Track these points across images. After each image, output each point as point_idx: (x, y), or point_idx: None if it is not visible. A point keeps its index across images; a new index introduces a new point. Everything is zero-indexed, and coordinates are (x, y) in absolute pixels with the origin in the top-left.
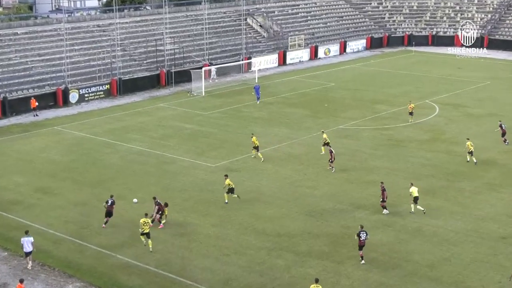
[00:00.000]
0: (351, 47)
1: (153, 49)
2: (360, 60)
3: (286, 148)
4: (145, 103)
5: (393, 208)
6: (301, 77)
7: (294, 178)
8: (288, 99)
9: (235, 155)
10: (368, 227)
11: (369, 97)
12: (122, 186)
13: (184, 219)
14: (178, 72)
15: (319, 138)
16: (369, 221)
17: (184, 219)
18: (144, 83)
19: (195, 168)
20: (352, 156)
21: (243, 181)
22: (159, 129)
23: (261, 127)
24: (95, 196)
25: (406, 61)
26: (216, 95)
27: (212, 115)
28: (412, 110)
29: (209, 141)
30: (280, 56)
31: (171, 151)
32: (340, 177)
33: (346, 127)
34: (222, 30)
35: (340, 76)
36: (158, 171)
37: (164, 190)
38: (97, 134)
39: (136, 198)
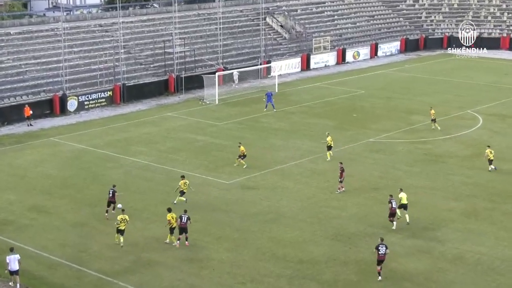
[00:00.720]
0: (383, 50)
1: (161, 51)
2: (393, 65)
3: (309, 163)
4: (151, 112)
5: (431, 232)
6: (327, 84)
7: (318, 198)
8: (312, 108)
9: (252, 171)
10: (401, 253)
11: (403, 107)
12: (125, 205)
13: (194, 243)
14: (189, 78)
15: (347, 152)
16: (403, 246)
17: (194, 242)
18: (151, 90)
19: (208, 185)
20: (384, 173)
21: (260, 200)
22: (167, 141)
23: (281, 139)
24: (95, 216)
25: (445, 66)
26: (231, 103)
27: (226, 126)
28: (434, 117)
29: (223, 155)
30: (303, 60)
31: (181, 166)
32: (370, 196)
33: (378, 140)
34: (238, 31)
35: (371, 82)
36: (166, 188)
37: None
38: (98, 146)
39: (122, 205)
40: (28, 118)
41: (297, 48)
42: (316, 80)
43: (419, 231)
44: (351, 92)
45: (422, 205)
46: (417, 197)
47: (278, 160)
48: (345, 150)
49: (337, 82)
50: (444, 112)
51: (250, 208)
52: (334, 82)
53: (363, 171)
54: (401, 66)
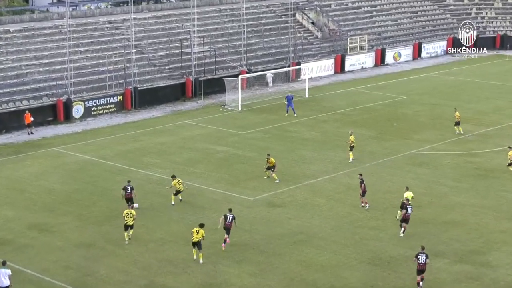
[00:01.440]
0: (428, 50)
1: (178, 51)
2: (439, 67)
3: (343, 178)
4: (166, 120)
5: (481, 256)
6: (364, 88)
7: (353, 217)
8: (347, 116)
9: (279, 186)
10: (448, 280)
11: (450, 115)
12: (137, 223)
13: (213, 266)
14: (209, 81)
15: (386, 165)
16: (450, 272)
17: (213, 266)
18: (166, 94)
19: (229, 201)
20: (428, 190)
21: (288, 219)
22: (184, 152)
23: (312, 150)
24: (102, 235)
25: (498, 69)
26: (256, 110)
27: (250, 135)
28: (458, 119)
29: (246, 168)
30: (337, 61)
31: (199, 180)
32: (412, 215)
33: (421, 152)
34: (264, 29)
35: (414, 87)
36: (182, 205)
37: (188, 229)
38: (106, 157)
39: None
40: (28, 126)
41: (330, 48)
42: (351, 84)
43: (468, 255)
44: (391, 98)
45: (471, 226)
46: (465, 217)
47: (309, 174)
48: (384, 163)
49: (375, 86)
50: (497, 121)
51: (277, 228)
52: (372, 86)
53: (404, 187)
54: (447, 69)
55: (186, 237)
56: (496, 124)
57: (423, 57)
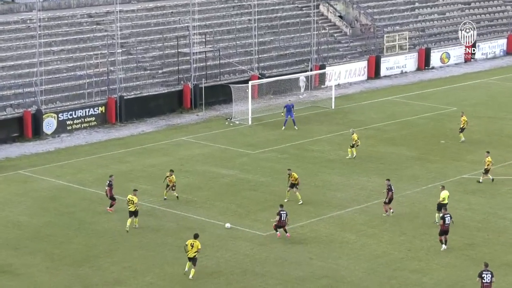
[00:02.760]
0: (483, 50)
1: (173, 52)
2: (497, 71)
3: (378, 208)
4: (159, 136)
5: None
6: (403, 98)
7: (391, 256)
8: (382, 131)
9: (299, 219)
10: None
11: (511, 130)
12: (121, 265)
13: None
14: (212, 88)
15: (431, 193)
16: None
17: None
18: (159, 105)
19: (236, 238)
20: (484, 223)
21: (309, 259)
22: (181, 177)
23: (339, 174)
24: (80, 280)
25: None
26: (269, 124)
27: (263, 156)
28: (464, 125)
29: (258, 196)
30: (371, 64)
31: (199, 210)
32: (463, 255)
33: (475, 177)
34: (281, 24)
35: (465, 96)
36: (178, 241)
37: (185, 273)
38: (85, 182)
39: (229, 224)
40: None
41: (362, 48)
42: (388, 93)
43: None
44: (437, 110)
45: None
46: None
47: (335, 203)
48: (429, 190)
49: (418, 95)
50: None
51: (295, 271)
52: (413, 95)
53: (454, 220)
54: (508, 73)
55: (182, 282)
56: None
57: (478, 58)
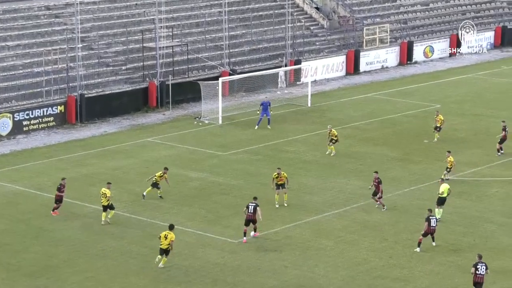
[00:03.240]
0: (470, 44)
1: (138, 47)
2: (484, 66)
3: (358, 212)
4: (123, 137)
5: None
6: (384, 95)
7: (371, 264)
8: (362, 130)
9: (273, 224)
10: None
11: (499, 129)
12: (83, 275)
13: None
14: (179, 86)
15: (415, 196)
16: None
17: None
18: (122, 104)
19: (206, 245)
20: (470, 228)
21: (284, 267)
22: (146, 180)
23: (315, 176)
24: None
25: None
26: (241, 123)
27: (234, 157)
28: (441, 124)
29: (229, 200)
30: (350, 59)
31: (166, 216)
32: (448, 262)
33: (461, 179)
34: (253, 16)
35: (450, 92)
36: (143, 250)
37: (153, 283)
38: (43, 187)
39: None
40: None
41: (341, 42)
42: (368, 89)
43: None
44: (420, 107)
45: None
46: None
47: (311, 207)
48: (412, 192)
49: (400, 92)
50: None
51: (269, 280)
52: (395, 92)
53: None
54: (495, 68)
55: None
56: None
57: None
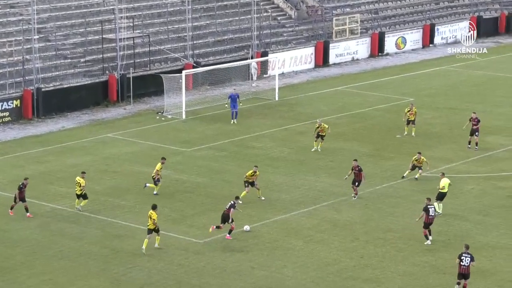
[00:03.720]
0: (443, 34)
1: (97, 38)
2: (459, 58)
3: (328, 211)
4: (82, 132)
5: None
6: (355, 88)
7: (342, 264)
8: (332, 125)
9: (240, 223)
10: None
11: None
12: (40, 277)
13: None
14: (141, 79)
15: (387, 194)
16: None
17: None
18: (81, 98)
19: (169, 245)
20: (445, 227)
21: (251, 268)
22: (107, 178)
23: (284, 173)
24: None
25: None
26: (206, 118)
27: (199, 154)
28: (414, 117)
29: (194, 199)
30: (319, 51)
31: (128, 215)
32: (422, 262)
33: (435, 175)
34: (218, 6)
35: (424, 85)
36: (104, 250)
37: (114, 285)
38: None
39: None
40: None
41: (309, 33)
42: (338, 82)
43: None
44: (392, 101)
45: (503, 276)
46: (496, 264)
47: (279, 206)
48: (383, 190)
49: (371, 85)
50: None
51: (236, 282)
52: (366, 85)
53: (411, 223)
54: (471, 60)
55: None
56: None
57: (437, 44)
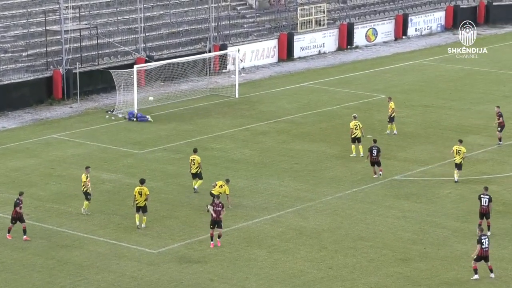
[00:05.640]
0: (417, 25)
1: (41, 30)
2: (434, 51)
3: (293, 218)
4: (24, 133)
5: None
6: (322, 84)
7: (309, 276)
8: (297, 124)
9: (197, 232)
10: None
11: (451, 122)
12: None
13: None
14: (88, 74)
15: (358, 199)
16: None
17: None
18: (23, 95)
19: (121, 256)
20: (420, 234)
21: (210, 281)
22: (51, 183)
23: (245, 177)
24: None
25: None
26: (161, 117)
27: (152, 156)
28: (392, 113)
29: (147, 205)
30: (282, 43)
31: (75, 223)
32: (395, 273)
33: (409, 179)
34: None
35: (396, 81)
36: (49, 262)
37: None
38: None
39: None
40: None
41: (272, 24)
42: (303, 78)
43: None
44: (363, 98)
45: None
46: None
47: (240, 212)
48: (354, 195)
49: (340, 80)
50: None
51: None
52: (334, 80)
53: (384, 230)
54: (447, 53)
55: None
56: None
57: (411, 35)
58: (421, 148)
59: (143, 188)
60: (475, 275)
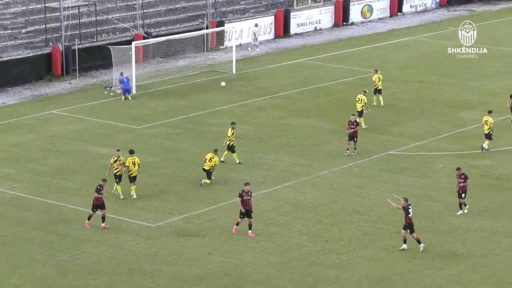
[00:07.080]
0: (412, 2)
1: (40, 7)
2: (429, 27)
3: (290, 192)
4: (24, 109)
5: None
6: (318, 60)
7: (305, 249)
8: (293, 100)
9: (195, 206)
10: None
11: (445, 97)
12: None
13: None
14: (87, 51)
15: (354, 173)
16: None
17: None
18: (23, 72)
19: (119, 230)
20: (415, 207)
21: (208, 254)
22: (51, 158)
23: (242, 152)
24: None
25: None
26: (158, 93)
27: (150, 131)
28: (379, 86)
29: (145, 179)
30: (279, 20)
31: (74, 198)
32: (390, 246)
33: (404, 153)
34: None
35: (392, 57)
36: (49, 236)
37: (60, 273)
38: None
39: None
40: None
41: (268, 1)
42: (300, 54)
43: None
44: (358, 74)
45: (477, 260)
46: (469, 247)
47: (238, 187)
48: (349, 169)
49: (335, 56)
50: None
51: (191, 269)
52: (330, 56)
53: (378, 204)
54: (442, 30)
55: (54, 284)
56: None
57: (406, 12)
58: (416, 123)
59: (135, 158)
60: (404, 244)
